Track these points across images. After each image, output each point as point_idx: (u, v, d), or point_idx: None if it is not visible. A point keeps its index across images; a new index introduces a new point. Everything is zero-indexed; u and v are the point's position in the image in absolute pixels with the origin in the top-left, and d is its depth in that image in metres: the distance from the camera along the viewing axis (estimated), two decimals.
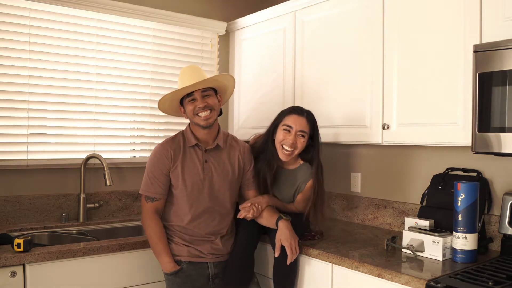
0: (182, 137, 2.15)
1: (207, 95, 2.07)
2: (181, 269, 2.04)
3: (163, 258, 2.03)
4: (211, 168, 2.11)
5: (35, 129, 2.52)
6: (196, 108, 2.05)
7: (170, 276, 2.04)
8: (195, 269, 2.06)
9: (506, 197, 1.90)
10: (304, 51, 2.58)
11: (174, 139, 2.14)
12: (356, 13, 2.27)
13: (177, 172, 2.07)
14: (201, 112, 2.05)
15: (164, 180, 2.07)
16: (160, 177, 2.06)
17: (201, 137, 2.13)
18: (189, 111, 2.08)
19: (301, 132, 2.13)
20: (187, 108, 2.10)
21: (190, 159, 2.10)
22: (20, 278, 1.89)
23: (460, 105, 1.83)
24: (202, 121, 2.06)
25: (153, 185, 2.06)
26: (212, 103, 2.08)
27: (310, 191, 2.18)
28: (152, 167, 2.08)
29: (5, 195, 2.44)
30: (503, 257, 1.84)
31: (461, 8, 1.81)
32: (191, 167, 2.08)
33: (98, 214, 2.71)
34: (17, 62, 2.45)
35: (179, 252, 2.06)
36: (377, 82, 2.16)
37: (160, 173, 2.06)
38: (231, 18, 3.22)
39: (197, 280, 2.06)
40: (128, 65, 2.83)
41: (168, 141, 2.13)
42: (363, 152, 2.63)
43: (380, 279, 1.71)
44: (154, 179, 2.06)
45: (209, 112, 2.06)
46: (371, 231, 2.39)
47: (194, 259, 2.06)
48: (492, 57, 1.64)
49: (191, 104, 2.07)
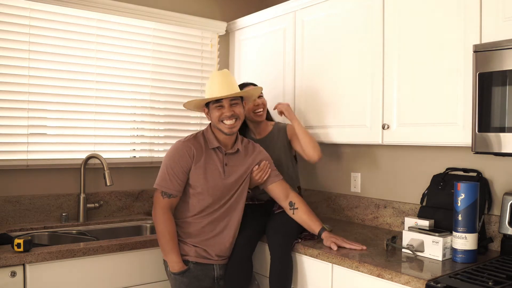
0: (203, 137, 2.14)
1: (234, 104, 2.08)
2: (188, 269, 2.03)
3: (172, 257, 2.02)
4: (231, 171, 2.11)
5: (35, 129, 2.52)
6: (223, 115, 2.05)
7: (178, 276, 2.03)
8: (202, 269, 2.06)
9: (506, 197, 1.90)
10: (304, 51, 2.58)
11: (196, 138, 2.12)
12: (356, 13, 2.27)
13: (199, 172, 2.05)
14: (226, 120, 2.06)
15: (183, 178, 2.05)
16: (180, 174, 2.04)
17: (222, 140, 2.13)
18: (215, 116, 2.07)
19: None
20: (212, 113, 2.09)
21: (212, 160, 2.09)
22: (20, 278, 1.89)
23: (460, 105, 1.83)
24: (226, 129, 2.07)
25: (172, 181, 2.03)
26: (239, 112, 2.08)
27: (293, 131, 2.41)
28: (173, 163, 2.04)
29: (5, 195, 2.44)
30: (503, 257, 1.84)
31: (461, 8, 1.81)
32: (213, 169, 2.08)
33: (98, 214, 2.71)
34: (17, 62, 2.45)
35: (186, 251, 2.06)
36: (377, 82, 2.16)
37: (180, 170, 2.04)
38: (231, 18, 3.22)
39: (203, 280, 2.06)
40: (128, 65, 2.83)
41: (190, 140, 2.10)
42: (363, 152, 2.63)
43: (380, 279, 1.71)
44: (174, 175, 2.03)
45: (234, 121, 2.07)
46: (371, 231, 2.39)
47: (201, 260, 2.06)
48: (492, 57, 1.64)
49: (217, 110, 2.06)
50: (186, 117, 3.09)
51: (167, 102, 2.99)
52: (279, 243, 2.07)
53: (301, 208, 2.17)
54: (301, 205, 2.18)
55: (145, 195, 2.89)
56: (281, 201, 2.22)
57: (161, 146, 3.00)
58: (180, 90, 3.04)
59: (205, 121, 3.09)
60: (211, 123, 2.16)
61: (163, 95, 2.97)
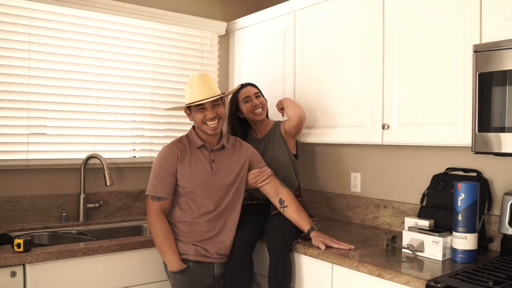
0: (187, 139, 2.19)
1: (216, 105, 2.11)
2: (188, 268, 2.04)
3: (170, 256, 2.03)
4: (219, 167, 2.14)
5: (35, 129, 2.52)
6: (206, 117, 2.09)
7: (177, 275, 2.03)
8: (201, 268, 2.07)
9: (506, 197, 1.90)
10: (304, 51, 2.58)
11: (180, 141, 2.18)
12: (356, 13, 2.27)
13: (186, 171, 2.09)
14: (209, 122, 2.09)
15: (171, 180, 2.09)
16: (167, 177, 2.08)
17: (206, 139, 2.16)
18: (198, 119, 2.11)
19: (256, 94, 2.46)
20: (195, 116, 2.12)
21: (198, 158, 2.13)
22: (20, 278, 1.89)
23: (460, 105, 1.83)
24: (210, 130, 2.11)
25: (160, 185, 2.08)
26: (221, 113, 2.12)
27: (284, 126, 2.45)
28: (159, 168, 2.10)
29: (5, 195, 2.44)
30: (503, 257, 1.84)
31: (461, 8, 1.81)
32: (199, 166, 2.11)
33: (98, 214, 2.71)
34: (17, 62, 2.45)
35: (186, 250, 2.06)
36: (377, 82, 2.16)
37: (167, 173, 2.08)
38: (231, 18, 3.22)
39: (203, 279, 2.07)
40: (128, 65, 2.83)
41: (174, 143, 2.17)
42: (363, 152, 2.63)
43: (380, 279, 1.71)
44: (161, 179, 2.08)
45: (217, 122, 2.10)
46: (371, 231, 2.39)
47: (201, 258, 2.07)
48: (492, 57, 1.64)
49: (200, 113, 2.10)
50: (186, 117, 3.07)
51: (167, 102, 2.98)
52: (277, 245, 2.08)
53: (291, 206, 2.17)
54: (290, 203, 2.17)
55: (145, 195, 2.87)
56: (271, 198, 2.23)
57: (161, 146, 2.97)
58: (180, 90, 3.03)
59: None
60: (194, 124, 2.19)
61: (163, 95, 2.97)
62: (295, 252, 2.10)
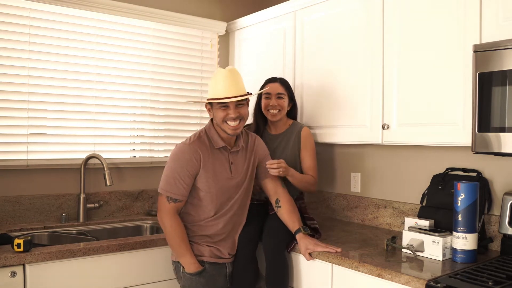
0: (206, 137, 2.06)
1: (240, 105, 2.00)
2: (204, 269, 2.02)
3: (187, 259, 1.99)
4: (237, 169, 2.09)
5: (35, 129, 2.52)
6: (228, 116, 1.97)
7: (194, 277, 2.00)
8: (216, 269, 2.06)
9: (506, 197, 1.90)
10: (304, 51, 2.58)
11: (200, 139, 2.03)
12: (356, 13, 2.27)
13: (208, 175, 2.00)
14: (231, 121, 1.98)
15: (189, 182, 1.98)
16: (186, 179, 1.97)
17: (225, 138, 2.07)
18: (219, 117, 1.99)
19: (278, 94, 2.38)
20: (216, 112, 2.00)
21: (219, 161, 2.04)
22: (20, 278, 1.89)
23: (460, 105, 1.83)
24: (230, 130, 2.00)
25: (177, 186, 1.97)
26: (244, 113, 2.02)
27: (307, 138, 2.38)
28: (178, 168, 1.97)
29: (5, 195, 2.44)
30: (503, 257, 1.84)
31: (461, 8, 1.81)
32: (221, 170, 2.03)
33: (98, 214, 2.71)
34: (17, 62, 2.45)
35: (201, 252, 2.03)
36: (377, 82, 2.16)
37: (187, 174, 1.97)
38: (231, 18, 3.22)
39: (217, 280, 2.06)
40: (128, 65, 2.83)
41: (195, 142, 2.02)
42: (363, 152, 2.63)
43: (380, 279, 1.71)
44: (179, 180, 1.96)
45: (238, 122, 2.00)
46: (371, 231, 2.38)
47: (216, 260, 2.05)
48: (492, 57, 1.64)
49: (222, 111, 1.98)
50: (186, 117, 3.09)
51: (167, 102, 2.99)
52: (271, 246, 2.08)
53: (284, 206, 2.14)
54: (285, 204, 2.15)
55: (145, 195, 2.89)
56: (270, 197, 2.22)
57: (161, 146, 3.00)
58: (180, 90, 3.04)
59: (205, 121, 3.09)
60: (212, 119, 2.08)
61: (163, 95, 2.97)
62: (295, 252, 2.09)
